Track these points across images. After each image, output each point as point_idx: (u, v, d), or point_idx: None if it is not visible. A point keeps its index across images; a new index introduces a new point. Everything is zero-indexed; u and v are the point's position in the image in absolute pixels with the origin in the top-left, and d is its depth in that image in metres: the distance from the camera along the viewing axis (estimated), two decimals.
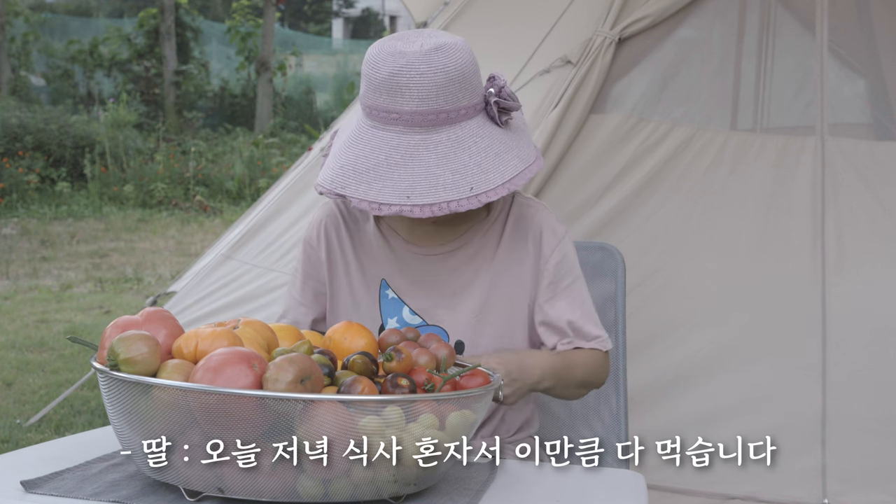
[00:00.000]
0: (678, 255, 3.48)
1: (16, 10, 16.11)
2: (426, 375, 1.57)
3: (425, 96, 1.79)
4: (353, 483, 1.42)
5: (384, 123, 1.81)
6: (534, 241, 1.96)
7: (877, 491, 3.24)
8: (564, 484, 1.62)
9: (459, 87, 1.82)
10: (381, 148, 1.80)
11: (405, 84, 1.79)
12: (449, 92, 1.80)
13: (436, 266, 1.97)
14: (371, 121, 1.84)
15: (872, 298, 3.37)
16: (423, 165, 1.77)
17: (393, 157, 1.78)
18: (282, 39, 18.46)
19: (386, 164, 1.78)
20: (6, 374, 5.27)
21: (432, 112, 1.80)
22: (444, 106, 1.80)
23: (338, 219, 2.02)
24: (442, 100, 1.80)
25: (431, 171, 1.77)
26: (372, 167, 1.79)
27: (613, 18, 3.57)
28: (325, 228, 2.02)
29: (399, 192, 1.76)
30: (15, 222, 10.17)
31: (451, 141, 1.80)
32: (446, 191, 1.76)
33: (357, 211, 2.02)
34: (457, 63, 1.81)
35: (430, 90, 1.79)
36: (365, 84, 1.86)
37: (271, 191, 4.61)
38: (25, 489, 1.48)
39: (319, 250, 2.02)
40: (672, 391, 3.40)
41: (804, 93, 3.63)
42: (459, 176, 1.78)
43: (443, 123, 1.81)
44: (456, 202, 1.75)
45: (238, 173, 11.74)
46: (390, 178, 1.77)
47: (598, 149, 3.56)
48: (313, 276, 2.03)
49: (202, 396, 1.38)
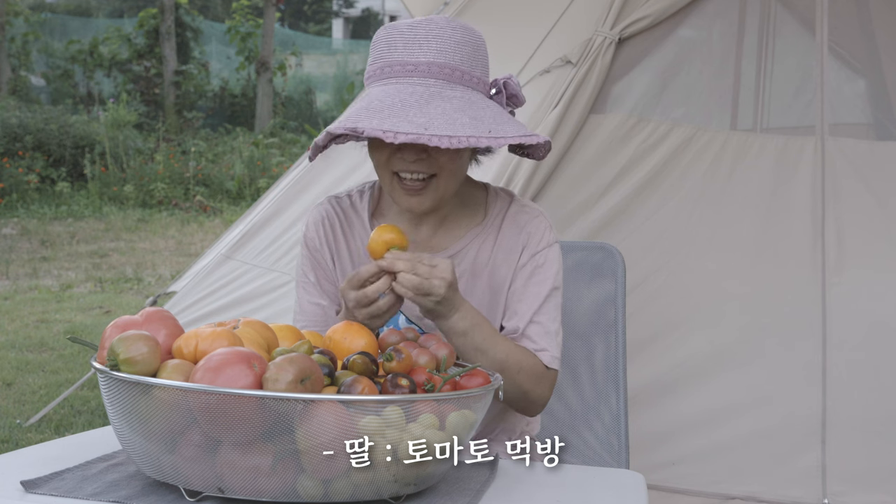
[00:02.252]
0: (678, 255, 3.48)
1: (16, 10, 16.11)
2: (426, 375, 1.57)
3: (443, 49, 1.79)
4: (353, 483, 1.42)
5: (399, 76, 1.79)
6: (524, 246, 1.93)
7: (877, 491, 3.24)
8: (564, 484, 1.62)
9: (474, 53, 1.82)
10: (395, 94, 1.77)
11: (423, 36, 1.79)
12: (465, 52, 1.80)
13: None
14: (384, 79, 1.81)
15: (872, 298, 3.37)
16: (440, 109, 1.74)
17: (408, 101, 1.75)
18: (282, 39, 18.47)
19: (401, 106, 1.74)
20: (6, 374, 5.27)
21: (449, 67, 1.79)
22: (460, 65, 1.80)
23: (334, 221, 1.99)
24: (458, 58, 1.80)
25: (448, 113, 1.74)
26: (387, 107, 1.75)
27: (613, 18, 3.57)
28: (325, 228, 1.98)
29: (415, 125, 1.71)
30: (15, 222, 10.17)
31: (466, 98, 1.78)
32: (464, 129, 1.72)
33: (352, 214, 1.99)
34: (473, 32, 1.84)
35: (449, 44, 1.79)
36: (378, 51, 1.83)
37: (271, 191, 4.62)
38: (25, 489, 1.48)
39: (323, 250, 1.98)
40: (672, 391, 3.40)
41: (804, 93, 3.63)
42: (477, 121, 1.75)
43: (458, 82, 1.79)
44: (475, 138, 1.71)
45: (238, 173, 11.75)
46: (405, 115, 1.72)
47: (598, 149, 3.56)
48: (324, 275, 1.98)
49: (202, 396, 1.38)
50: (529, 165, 3.47)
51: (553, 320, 1.91)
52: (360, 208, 2.00)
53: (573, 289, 2.29)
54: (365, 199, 2.01)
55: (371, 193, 2.01)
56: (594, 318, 2.31)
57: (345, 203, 2.01)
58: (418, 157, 1.82)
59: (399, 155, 1.83)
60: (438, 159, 1.83)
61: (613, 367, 2.27)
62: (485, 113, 1.78)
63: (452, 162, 1.85)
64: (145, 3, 18.99)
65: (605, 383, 2.28)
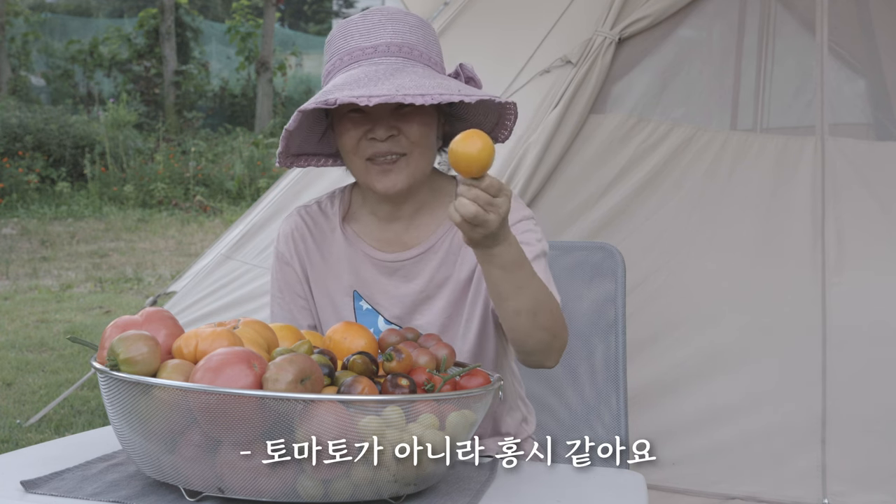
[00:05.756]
0: (678, 255, 3.48)
1: (16, 10, 16.12)
2: (426, 375, 1.57)
3: (400, 30, 1.81)
4: (353, 483, 1.42)
5: (360, 60, 1.80)
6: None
7: (877, 491, 3.24)
8: (564, 484, 1.62)
9: (429, 37, 1.84)
10: (361, 72, 1.77)
11: (378, 21, 1.82)
12: (421, 35, 1.83)
13: (406, 272, 1.92)
14: (344, 67, 1.81)
15: (872, 299, 3.37)
16: (409, 77, 1.75)
17: (376, 75, 1.75)
18: (282, 39, 18.48)
19: (368, 78, 1.74)
20: (6, 374, 5.28)
21: (408, 45, 1.81)
22: (418, 45, 1.82)
23: (304, 231, 1.97)
24: (415, 39, 1.82)
25: (416, 80, 1.74)
26: (354, 80, 1.75)
27: (613, 18, 3.57)
28: (295, 241, 1.97)
29: (387, 89, 1.71)
30: (15, 222, 10.17)
31: (430, 73, 1.79)
32: (435, 90, 1.72)
33: (323, 221, 1.97)
34: (427, 22, 1.86)
35: (405, 27, 1.82)
36: (334, 46, 1.84)
37: (271, 191, 4.61)
38: (25, 489, 1.48)
39: (294, 263, 1.97)
40: (672, 391, 3.40)
41: (804, 93, 3.63)
42: (446, 85, 1.75)
43: (418, 60, 1.81)
44: (448, 94, 1.71)
45: (238, 173, 11.75)
46: (375, 85, 1.73)
47: (598, 149, 3.57)
48: (295, 291, 1.97)
49: (202, 396, 1.38)
50: (529, 166, 3.47)
51: (548, 279, 1.83)
52: (332, 214, 1.98)
53: (573, 289, 2.29)
54: (336, 204, 1.98)
55: (342, 198, 1.99)
56: (594, 318, 2.31)
57: (313, 210, 1.99)
58: (390, 133, 1.82)
59: (370, 135, 1.82)
60: (410, 135, 1.83)
61: (613, 367, 2.27)
62: (450, 81, 1.79)
63: (424, 137, 1.84)
64: (145, 3, 18.99)
65: (605, 383, 2.28)
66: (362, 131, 1.83)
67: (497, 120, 1.91)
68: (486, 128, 1.92)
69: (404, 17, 1.84)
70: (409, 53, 1.80)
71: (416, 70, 1.78)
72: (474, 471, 1.62)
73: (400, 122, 1.82)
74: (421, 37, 1.83)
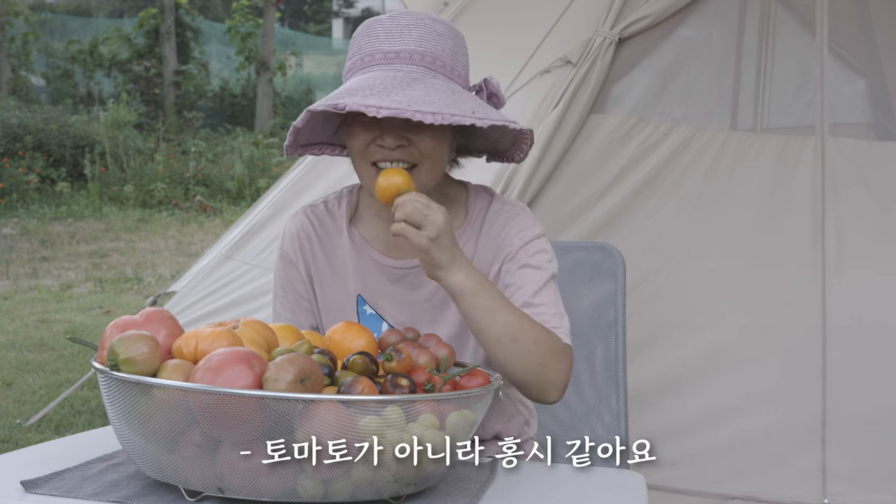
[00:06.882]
0: (678, 255, 3.48)
1: (16, 10, 16.12)
2: (426, 375, 1.56)
3: (426, 38, 1.77)
4: (353, 483, 1.42)
5: (380, 63, 1.76)
6: (509, 243, 1.87)
7: (877, 491, 3.24)
8: (564, 484, 1.62)
9: (456, 48, 1.80)
10: (378, 77, 1.73)
11: (405, 25, 1.78)
12: (447, 46, 1.79)
13: (413, 280, 1.89)
14: (364, 68, 1.78)
15: (872, 298, 3.37)
16: (423, 91, 1.71)
17: (391, 84, 1.71)
18: (282, 39, 18.48)
19: (383, 87, 1.71)
20: (6, 374, 5.28)
21: (431, 55, 1.76)
22: (442, 55, 1.78)
23: (310, 232, 1.94)
24: (440, 48, 1.78)
25: (431, 95, 1.70)
26: (368, 87, 1.71)
27: (613, 18, 3.57)
28: (300, 241, 1.93)
29: (398, 102, 1.68)
30: (15, 222, 10.17)
31: (449, 88, 1.75)
32: (448, 108, 1.69)
33: (329, 222, 1.94)
34: (456, 30, 1.82)
35: (431, 35, 1.78)
36: (358, 44, 1.81)
37: (271, 191, 4.61)
38: (25, 489, 1.48)
39: (298, 264, 1.94)
40: (672, 391, 3.40)
41: (804, 93, 3.63)
42: (461, 104, 1.72)
43: (439, 71, 1.77)
44: (460, 116, 1.68)
45: (238, 173, 11.75)
46: (388, 95, 1.69)
47: (598, 149, 3.57)
48: (298, 291, 1.95)
49: (202, 396, 1.38)
50: (529, 166, 3.47)
51: (557, 304, 1.84)
52: (338, 215, 1.94)
53: (573, 289, 2.29)
54: (343, 205, 1.95)
55: (349, 199, 1.96)
56: (594, 318, 2.31)
57: (320, 211, 1.96)
58: (399, 143, 1.77)
59: (379, 142, 1.78)
60: (420, 147, 1.78)
61: (613, 368, 2.27)
62: (467, 99, 1.75)
63: (435, 150, 1.79)
64: (145, 3, 18.99)
65: (605, 383, 2.28)
66: (371, 136, 1.78)
67: (514, 141, 1.88)
68: (502, 147, 1.90)
69: (433, 25, 1.79)
70: (432, 64, 1.76)
71: (435, 83, 1.74)
72: (474, 471, 1.62)
73: (411, 133, 1.77)
74: (447, 46, 1.79)
